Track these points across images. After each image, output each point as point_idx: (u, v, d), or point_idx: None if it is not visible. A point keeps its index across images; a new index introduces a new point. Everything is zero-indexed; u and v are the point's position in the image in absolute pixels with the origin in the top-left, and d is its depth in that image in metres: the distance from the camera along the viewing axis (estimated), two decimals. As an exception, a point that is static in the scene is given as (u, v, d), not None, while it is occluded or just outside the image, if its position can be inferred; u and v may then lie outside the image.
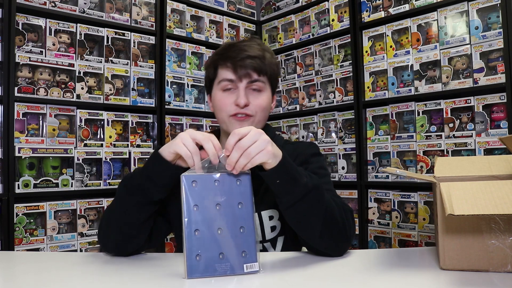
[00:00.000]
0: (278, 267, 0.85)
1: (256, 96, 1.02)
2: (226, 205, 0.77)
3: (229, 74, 1.01)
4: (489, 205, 0.66)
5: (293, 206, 0.83)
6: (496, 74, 1.91)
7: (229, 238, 0.75)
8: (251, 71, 1.00)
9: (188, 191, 0.75)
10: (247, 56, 1.00)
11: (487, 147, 1.92)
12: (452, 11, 2.06)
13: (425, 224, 2.11)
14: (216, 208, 0.76)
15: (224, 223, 0.76)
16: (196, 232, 0.74)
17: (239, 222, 0.76)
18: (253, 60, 1.00)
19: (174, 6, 2.54)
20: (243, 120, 1.01)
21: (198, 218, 0.75)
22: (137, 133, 2.35)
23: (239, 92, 1.00)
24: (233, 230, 0.76)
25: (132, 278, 0.80)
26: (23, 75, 1.97)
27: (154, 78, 2.42)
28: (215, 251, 0.74)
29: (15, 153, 1.90)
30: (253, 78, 1.01)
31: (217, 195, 0.76)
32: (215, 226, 0.75)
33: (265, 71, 1.03)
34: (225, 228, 0.75)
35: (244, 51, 1.00)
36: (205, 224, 0.75)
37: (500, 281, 0.69)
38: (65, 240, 2.02)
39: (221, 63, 1.03)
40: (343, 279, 0.76)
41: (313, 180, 0.84)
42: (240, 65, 0.99)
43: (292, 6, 2.83)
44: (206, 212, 0.75)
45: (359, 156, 2.39)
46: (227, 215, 0.76)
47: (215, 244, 0.75)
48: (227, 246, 0.75)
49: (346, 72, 2.49)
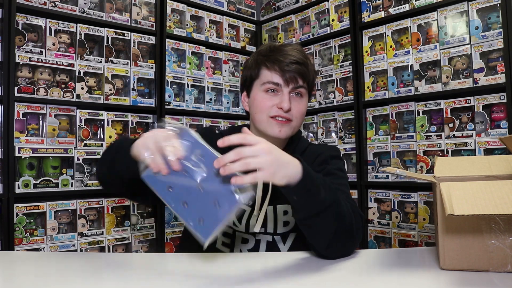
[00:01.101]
0: (280, 267, 0.85)
1: (298, 101, 1.05)
2: (191, 165, 0.76)
3: (275, 77, 1.02)
4: (489, 205, 0.66)
5: (307, 219, 0.84)
6: (496, 74, 1.91)
7: (213, 185, 0.75)
8: (298, 76, 1.03)
9: (154, 183, 0.77)
10: (295, 61, 1.02)
11: (487, 147, 1.92)
12: (452, 11, 2.06)
13: (425, 224, 2.11)
14: (185, 175, 0.76)
15: (199, 179, 0.75)
16: (184, 204, 0.76)
17: (209, 168, 0.75)
18: (300, 66, 1.02)
19: (174, 6, 2.54)
20: (283, 123, 1.03)
21: (177, 193, 0.76)
22: (137, 133, 2.35)
23: (284, 96, 1.02)
24: (211, 177, 0.75)
25: (131, 278, 0.80)
26: (23, 75, 1.97)
27: (154, 78, 2.42)
28: (208, 204, 0.75)
29: (15, 153, 1.90)
30: (298, 84, 1.04)
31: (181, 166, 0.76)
32: (195, 187, 0.75)
33: (308, 78, 1.05)
34: (204, 181, 0.75)
35: (291, 56, 1.02)
36: (185, 193, 0.76)
37: (500, 281, 0.69)
38: (65, 240, 2.02)
39: (268, 65, 1.03)
40: (343, 279, 0.76)
41: (331, 195, 0.84)
42: (287, 69, 1.01)
43: (292, 6, 2.83)
44: (180, 184, 0.76)
45: (359, 156, 2.39)
46: (197, 173, 0.75)
47: (204, 199, 0.75)
48: (214, 194, 0.74)
49: (346, 72, 2.49)
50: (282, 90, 1.03)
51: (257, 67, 1.06)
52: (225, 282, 0.76)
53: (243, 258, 0.96)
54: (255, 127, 1.09)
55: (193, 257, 0.97)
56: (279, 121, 1.03)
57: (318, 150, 1.12)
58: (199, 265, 0.91)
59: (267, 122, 1.03)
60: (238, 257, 0.97)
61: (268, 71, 1.04)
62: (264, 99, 1.04)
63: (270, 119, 1.03)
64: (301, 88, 1.05)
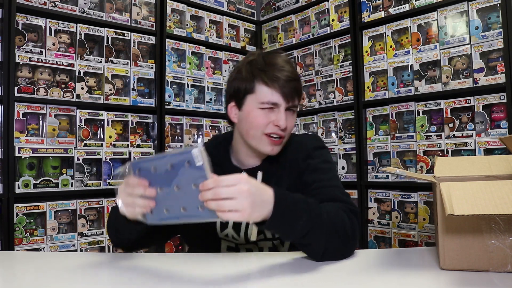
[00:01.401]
0: (279, 268, 0.85)
1: (291, 117, 1.04)
2: (161, 180, 0.78)
3: (276, 96, 1.00)
4: (489, 205, 0.66)
5: (296, 242, 0.85)
6: (496, 74, 1.91)
7: (184, 191, 0.76)
8: (295, 94, 1.02)
9: (160, 219, 0.81)
10: (292, 78, 1.01)
11: (487, 147, 1.92)
12: (452, 11, 2.06)
13: (425, 224, 2.11)
14: (162, 191, 0.78)
15: (173, 183, 0.77)
16: (165, 210, 0.79)
17: (178, 176, 0.76)
18: (297, 83, 1.02)
19: (174, 6, 2.54)
20: (276, 143, 1.02)
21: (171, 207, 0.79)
22: (137, 133, 2.35)
23: (280, 114, 1.00)
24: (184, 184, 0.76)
25: (131, 278, 0.80)
26: (23, 75, 1.97)
27: (154, 78, 2.42)
28: (177, 205, 0.77)
29: (15, 153, 1.90)
30: (295, 102, 1.03)
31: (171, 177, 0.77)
32: (174, 191, 0.77)
33: (301, 94, 1.05)
34: (178, 185, 0.76)
35: (286, 72, 1.01)
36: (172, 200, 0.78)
37: (500, 281, 0.69)
38: (65, 240, 2.02)
39: (267, 82, 1.00)
40: (343, 279, 0.76)
41: (312, 216, 0.82)
42: (286, 87, 0.99)
43: (292, 6, 2.83)
44: (167, 201, 0.79)
45: (359, 156, 2.39)
46: (169, 181, 0.77)
47: (177, 199, 0.77)
48: (183, 199, 0.76)
49: (346, 72, 2.49)
50: (279, 107, 1.01)
51: (252, 81, 1.01)
52: (225, 282, 0.76)
53: (242, 258, 0.96)
54: (244, 140, 1.06)
55: (192, 257, 0.97)
56: (272, 140, 1.01)
57: (300, 143, 1.09)
58: (198, 265, 0.91)
59: (260, 139, 1.01)
60: (237, 257, 0.97)
61: (266, 87, 1.00)
62: (260, 116, 1.00)
63: (264, 136, 1.01)
64: (295, 107, 1.04)
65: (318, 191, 0.98)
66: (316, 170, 1.03)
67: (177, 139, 2.53)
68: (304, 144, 1.09)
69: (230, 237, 1.06)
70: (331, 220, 0.85)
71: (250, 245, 1.06)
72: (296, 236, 0.82)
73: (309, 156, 1.06)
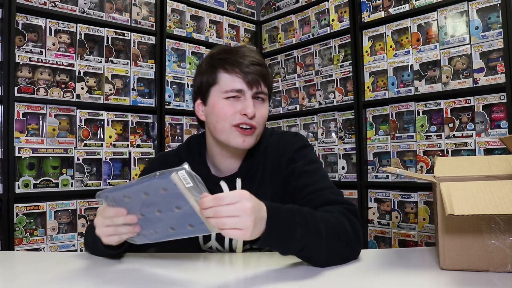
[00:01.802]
0: (278, 268, 0.85)
1: (260, 106, 0.97)
2: (140, 207, 0.76)
3: (238, 82, 0.93)
4: (489, 205, 0.66)
5: (296, 255, 0.81)
6: (496, 74, 1.91)
7: (167, 214, 0.74)
8: (260, 79, 0.95)
9: (148, 238, 0.81)
10: (256, 62, 0.94)
11: (487, 147, 1.92)
12: (452, 11, 2.06)
13: (425, 224, 2.11)
14: (144, 217, 0.77)
15: (156, 210, 0.75)
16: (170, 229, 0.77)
17: (158, 200, 0.74)
18: (261, 68, 0.95)
19: (174, 6, 2.54)
20: (247, 134, 0.94)
21: (161, 229, 0.77)
22: (137, 133, 2.35)
23: (247, 101, 0.93)
24: (164, 208, 0.74)
25: (131, 278, 0.80)
26: (23, 75, 1.97)
27: (154, 78, 2.42)
28: (165, 226, 0.76)
29: (15, 153, 1.90)
30: (261, 88, 0.96)
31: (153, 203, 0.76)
32: (157, 216, 0.75)
33: (269, 81, 0.98)
34: (160, 211, 0.75)
35: (249, 57, 0.94)
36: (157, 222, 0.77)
37: (500, 281, 0.69)
38: (65, 240, 2.02)
39: (228, 68, 0.94)
40: (343, 279, 0.76)
41: (308, 228, 0.78)
42: (249, 71, 0.93)
43: (292, 6, 2.83)
44: (151, 223, 0.77)
45: (359, 156, 2.39)
46: (167, 218, 0.75)
47: (163, 221, 0.75)
48: (170, 221, 0.75)
49: (346, 72, 2.49)
50: (245, 95, 0.94)
51: (213, 71, 0.96)
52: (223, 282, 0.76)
53: (241, 258, 0.96)
54: (215, 137, 0.99)
55: (191, 256, 0.97)
56: (243, 131, 0.94)
57: (281, 144, 1.03)
58: (196, 265, 0.91)
59: (229, 131, 0.94)
60: (235, 257, 0.97)
61: (228, 74, 0.94)
62: (225, 106, 0.94)
63: (233, 128, 0.94)
64: (262, 94, 0.97)
65: (310, 197, 0.93)
66: (303, 173, 0.97)
67: (177, 139, 2.53)
68: (284, 146, 1.02)
69: (214, 249, 1.03)
70: (331, 228, 0.81)
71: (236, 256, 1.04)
72: (294, 251, 0.78)
73: (292, 160, 1.00)
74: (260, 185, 1.00)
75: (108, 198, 0.78)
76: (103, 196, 0.78)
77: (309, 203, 0.91)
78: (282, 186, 1.00)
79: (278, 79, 2.89)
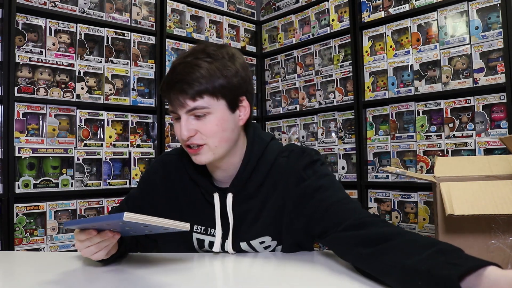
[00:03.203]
0: (277, 268, 0.85)
1: (202, 122, 0.87)
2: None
3: (170, 104, 0.88)
4: (489, 205, 0.66)
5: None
6: (496, 74, 1.91)
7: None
8: (185, 99, 0.85)
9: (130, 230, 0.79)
10: (178, 80, 0.85)
11: (487, 147, 1.92)
12: (452, 11, 2.06)
13: (425, 224, 2.11)
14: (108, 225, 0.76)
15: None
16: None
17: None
18: (186, 85, 0.84)
19: (174, 6, 2.54)
20: (194, 152, 0.89)
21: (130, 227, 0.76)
22: (137, 133, 2.35)
23: (181, 122, 0.87)
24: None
25: (131, 278, 0.80)
26: (23, 75, 1.97)
27: (154, 78, 2.42)
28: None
29: (15, 153, 1.90)
30: (189, 107, 0.85)
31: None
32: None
33: (204, 91, 0.84)
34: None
35: (176, 74, 0.86)
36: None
37: (500, 281, 0.69)
38: (65, 240, 2.02)
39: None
40: (343, 279, 0.76)
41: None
42: (173, 93, 0.85)
43: (292, 6, 2.83)
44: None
45: (359, 156, 2.39)
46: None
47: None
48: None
49: (346, 72, 2.49)
50: (181, 117, 0.87)
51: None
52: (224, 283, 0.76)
53: (241, 257, 0.96)
54: None
55: (189, 256, 0.97)
56: (190, 150, 0.89)
57: (288, 166, 0.95)
58: (194, 264, 0.91)
59: (187, 152, 0.92)
60: (233, 258, 0.96)
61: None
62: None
63: (186, 148, 0.90)
64: (196, 110, 0.85)
65: (330, 211, 0.85)
66: (316, 190, 0.89)
67: (177, 139, 2.52)
68: (292, 165, 0.94)
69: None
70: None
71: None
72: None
73: (302, 179, 0.92)
74: (263, 204, 0.95)
75: (74, 226, 0.81)
76: (68, 225, 0.82)
77: (330, 218, 0.84)
78: (296, 209, 0.92)
79: (278, 79, 2.89)
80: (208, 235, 0.98)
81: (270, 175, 0.95)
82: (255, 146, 0.96)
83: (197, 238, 0.99)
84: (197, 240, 0.99)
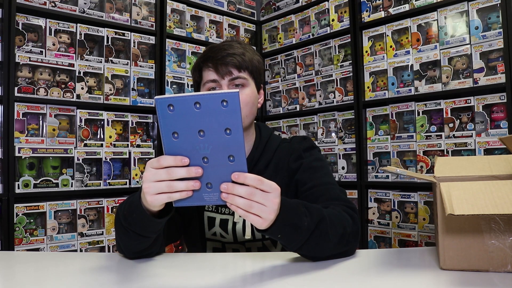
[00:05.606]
0: (277, 268, 0.85)
1: (240, 90, 0.98)
2: (211, 131, 0.64)
3: (211, 74, 1.02)
4: (489, 205, 0.66)
5: (300, 248, 0.82)
6: (496, 74, 1.91)
7: (217, 167, 0.66)
8: (232, 68, 1.01)
9: (164, 118, 0.64)
10: (227, 54, 1.01)
11: (487, 147, 1.92)
12: (452, 11, 2.06)
13: (425, 224, 2.11)
14: (199, 135, 0.64)
15: (209, 151, 0.65)
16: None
17: (227, 150, 0.65)
18: (233, 57, 1.01)
19: (174, 6, 2.54)
20: None
21: (179, 147, 0.66)
22: (137, 133, 2.35)
23: (222, 88, 1.01)
24: (221, 159, 0.66)
25: (131, 278, 0.80)
26: (23, 75, 1.97)
27: (154, 78, 2.42)
28: (202, 181, 0.67)
29: (15, 153, 1.90)
30: (234, 75, 1.01)
31: (199, 120, 0.64)
32: (199, 156, 0.66)
33: (245, 67, 1.02)
34: (211, 157, 0.66)
35: (224, 50, 1.01)
36: (187, 153, 0.66)
37: (500, 281, 0.69)
38: (65, 240, 2.02)
39: (203, 65, 1.04)
40: (343, 279, 0.76)
41: (314, 216, 0.80)
42: (220, 63, 1.00)
43: (292, 6, 2.83)
44: (188, 140, 0.65)
45: (359, 156, 2.39)
46: (213, 143, 0.65)
47: (205, 173, 0.67)
48: (214, 176, 0.67)
49: (346, 72, 2.49)
50: (220, 83, 1.01)
51: (197, 70, 1.06)
52: (225, 282, 0.76)
53: (240, 257, 0.96)
54: None
55: (189, 257, 0.97)
56: None
57: (291, 147, 1.10)
58: (193, 265, 0.91)
59: None
60: (233, 258, 0.97)
61: (205, 70, 1.04)
62: None
63: None
64: (239, 79, 1.02)
65: (314, 190, 0.98)
66: (309, 169, 1.03)
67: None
68: (294, 146, 1.09)
69: (218, 236, 1.06)
70: (335, 222, 0.84)
71: (237, 245, 1.06)
72: (300, 242, 0.80)
73: (300, 157, 1.06)
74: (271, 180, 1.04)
75: (166, 105, 0.63)
76: (160, 101, 0.63)
77: (311, 196, 0.95)
78: (288, 180, 1.05)
79: (278, 79, 2.89)
80: (220, 213, 1.06)
81: (275, 158, 1.08)
82: (263, 132, 1.11)
83: (208, 216, 1.05)
84: (208, 219, 1.04)
